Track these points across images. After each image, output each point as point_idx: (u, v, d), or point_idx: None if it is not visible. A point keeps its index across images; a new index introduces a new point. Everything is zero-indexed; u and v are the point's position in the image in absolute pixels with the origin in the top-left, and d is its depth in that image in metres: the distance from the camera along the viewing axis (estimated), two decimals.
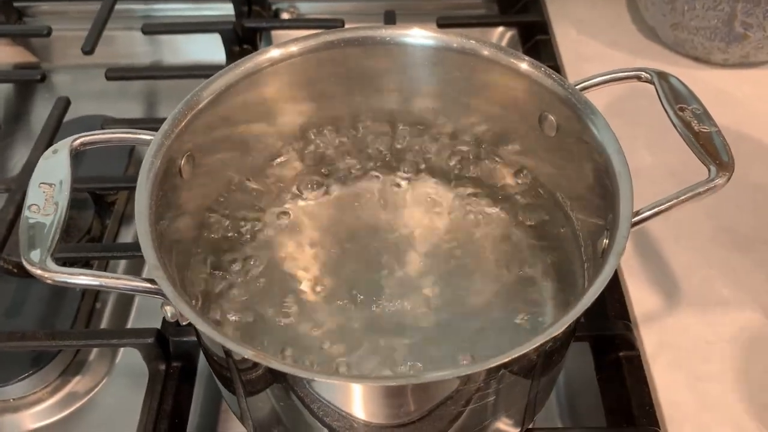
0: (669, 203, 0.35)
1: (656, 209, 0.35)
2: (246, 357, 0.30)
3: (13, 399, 0.49)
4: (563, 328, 0.30)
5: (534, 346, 0.29)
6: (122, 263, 0.57)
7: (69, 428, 0.48)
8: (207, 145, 0.41)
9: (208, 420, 0.48)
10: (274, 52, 0.42)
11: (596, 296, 0.30)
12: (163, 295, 0.32)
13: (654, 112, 0.42)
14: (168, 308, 0.34)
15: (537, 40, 0.69)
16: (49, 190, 0.35)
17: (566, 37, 0.70)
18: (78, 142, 0.37)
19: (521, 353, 0.30)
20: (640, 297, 0.50)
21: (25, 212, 0.34)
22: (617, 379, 0.46)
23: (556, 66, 0.66)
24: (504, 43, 0.74)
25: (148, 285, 0.32)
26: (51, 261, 0.32)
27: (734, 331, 0.48)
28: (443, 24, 0.67)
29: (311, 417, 0.35)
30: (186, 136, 0.39)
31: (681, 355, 0.47)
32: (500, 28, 0.74)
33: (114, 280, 0.33)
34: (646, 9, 0.69)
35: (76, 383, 0.51)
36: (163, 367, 0.47)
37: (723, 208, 0.54)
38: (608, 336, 0.47)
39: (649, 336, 0.48)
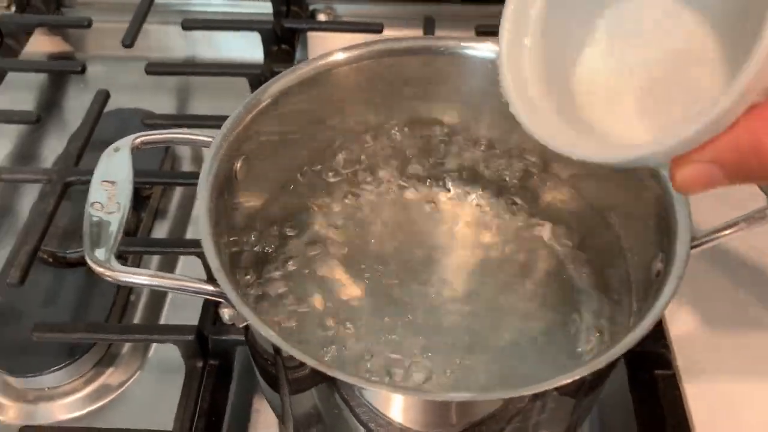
0: (730, 230, 0.35)
1: (716, 235, 0.35)
2: (314, 367, 0.30)
3: (48, 388, 0.50)
4: (625, 350, 0.30)
5: (594, 369, 0.30)
6: (154, 258, 0.57)
7: (101, 420, 0.49)
8: (262, 147, 0.42)
9: (240, 419, 0.49)
10: (335, 57, 0.42)
11: (658, 318, 0.31)
12: (225, 298, 0.32)
13: None
14: (227, 311, 0.34)
15: None
16: (111, 188, 0.35)
17: None
18: (139, 140, 0.37)
19: (578, 377, 0.30)
20: (677, 316, 0.50)
21: (88, 209, 0.34)
22: (652, 398, 0.46)
23: None
24: None
25: (211, 288, 0.33)
26: (115, 261, 0.33)
27: None
28: (482, 32, 0.67)
29: (353, 419, 0.35)
30: (244, 138, 0.39)
31: (715, 376, 0.47)
32: None
33: (177, 282, 0.33)
34: None
35: (109, 375, 0.51)
36: (200, 364, 0.48)
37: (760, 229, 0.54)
38: (644, 353, 0.47)
39: (684, 356, 0.48)
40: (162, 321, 0.54)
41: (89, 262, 0.33)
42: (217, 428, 0.46)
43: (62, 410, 0.49)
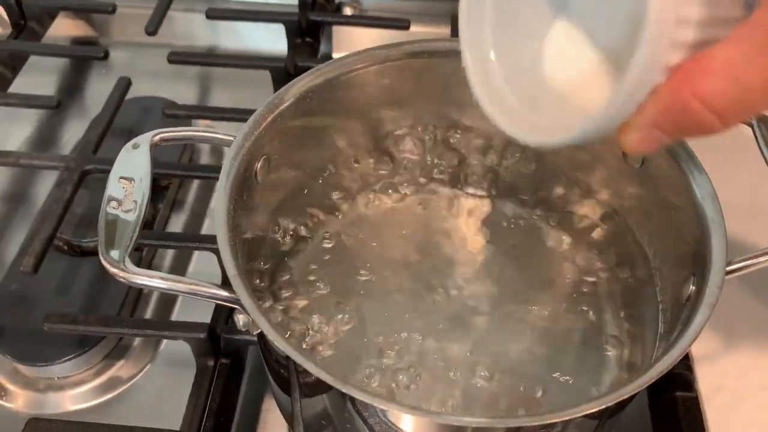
0: (766, 257, 0.34)
1: (751, 262, 0.34)
2: (330, 383, 0.29)
3: (58, 377, 0.49)
4: (658, 376, 0.29)
5: (620, 399, 0.29)
6: (169, 250, 0.57)
7: (109, 413, 0.48)
8: (283, 148, 0.41)
9: (249, 419, 0.48)
10: (359, 57, 0.41)
11: (688, 347, 0.30)
12: (240, 305, 0.31)
13: (735, 150, 0.40)
14: (241, 317, 0.33)
15: None
16: (128, 185, 0.34)
17: None
18: (158, 137, 0.36)
19: (603, 406, 0.29)
20: (700, 337, 0.48)
21: (105, 207, 0.34)
22: (672, 420, 0.45)
23: None
24: None
25: (226, 294, 0.32)
26: (129, 262, 0.32)
27: None
28: None
29: (365, 428, 0.34)
30: (265, 138, 0.38)
31: (736, 399, 0.46)
32: None
33: (191, 286, 0.32)
34: None
35: (119, 368, 0.50)
36: (211, 363, 0.47)
37: None
38: (666, 374, 0.46)
39: (706, 377, 0.46)
40: (175, 315, 0.53)
41: (103, 262, 0.32)
42: (226, 428, 0.46)
43: (71, 401, 0.49)
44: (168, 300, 0.54)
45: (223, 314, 0.48)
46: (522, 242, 0.45)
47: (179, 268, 0.56)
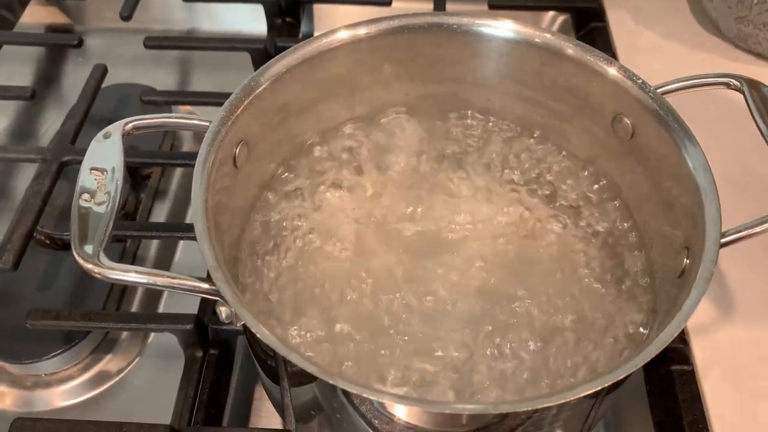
0: (761, 227, 0.33)
1: (745, 232, 0.33)
2: (310, 372, 0.28)
3: (45, 374, 0.48)
4: (657, 352, 0.28)
5: (618, 378, 0.28)
6: (154, 240, 0.56)
7: (98, 408, 0.48)
8: (262, 131, 0.39)
9: (241, 409, 0.47)
10: (338, 35, 0.40)
11: (688, 318, 0.29)
12: (221, 297, 0.30)
13: (724, 119, 0.39)
14: (223, 309, 0.32)
15: (591, 28, 0.66)
16: (101, 177, 0.33)
17: (621, 26, 0.67)
18: (130, 125, 0.35)
19: (599, 387, 0.28)
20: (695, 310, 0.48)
21: (77, 200, 0.32)
22: (669, 394, 0.44)
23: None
24: (555, 28, 0.71)
25: (206, 286, 0.31)
26: (104, 256, 0.31)
27: None
28: (495, 5, 0.65)
29: (356, 414, 0.34)
30: (243, 122, 0.37)
31: (733, 371, 0.45)
32: (552, 12, 0.71)
33: (169, 280, 0.31)
34: (709, 0, 0.65)
35: (107, 362, 0.50)
36: (200, 354, 0.46)
37: None
38: None
39: (702, 350, 0.46)
40: (162, 306, 0.52)
41: (77, 257, 0.31)
42: (217, 419, 0.45)
43: (59, 397, 0.48)
44: (154, 291, 0.53)
45: (211, 305, 0.47)
46: (509, 217, 0.44)
47: (164, 258, 0.55)
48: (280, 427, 0.45)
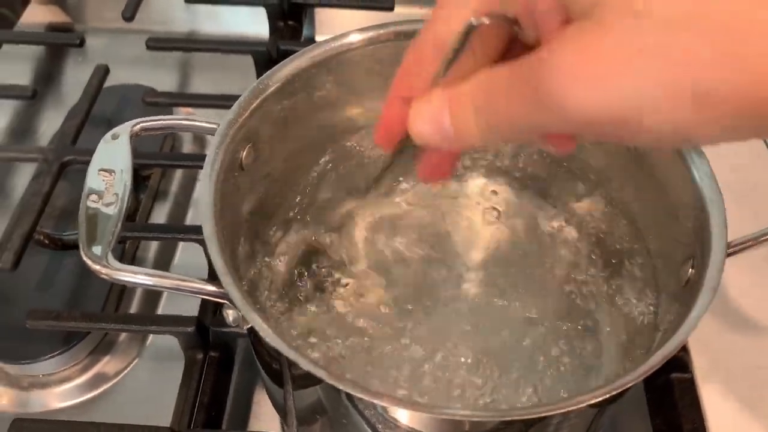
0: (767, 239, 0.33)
1: (751, 243, 0.33)
2: (319, 377, 0.28)
3: (43, 375, 0.48)
4: (662, 362, 0.28)
5: (624, 387, 0.28)
6: (153, 242, 0.55)
7: (96, 410, 0.47)
8: (270, 134, 0.39)
9: (241, 412, 0.47)
10: (349, 39, 0.40)
11: (694, 328, 0.29)
12: (229, 300, 0.30)
13: None
14: (230, 312, 0.32)
15: None
16: (109, 178, 0.33)
17: None
18: (139, 127, 0.35)
19: (602, 397, 0.28)
20: None
21: (85, 201, 0.32)
22: (668, 401, 0.44)
23: None
24: None
25: (213, 288, 0.31)
26: (112, 257, 0.31)
27: None
28: None
29: (360, 420, 0.34)
30: (251, 125, 0.37)
31: (731, 380, 0.45)
32: None
33: (178, 282, 0.31)
34: None
35: (105, 363, 0.49)
36: (200, 356, 0.46)
37: None
38: None
39: (700, 358, 0.46)
40: (161, 307, 0.52)
41: (85, 258, 0.31)
42: (217, 422, 0.45)
43: (57, 398, 0.48)
44: (154, 292, 0.53)
45: (211, 306, 0.47)
46: (512, 223, 0.44)
47: (164, 260, 0.55)
48: (279, 429, 0.45)
